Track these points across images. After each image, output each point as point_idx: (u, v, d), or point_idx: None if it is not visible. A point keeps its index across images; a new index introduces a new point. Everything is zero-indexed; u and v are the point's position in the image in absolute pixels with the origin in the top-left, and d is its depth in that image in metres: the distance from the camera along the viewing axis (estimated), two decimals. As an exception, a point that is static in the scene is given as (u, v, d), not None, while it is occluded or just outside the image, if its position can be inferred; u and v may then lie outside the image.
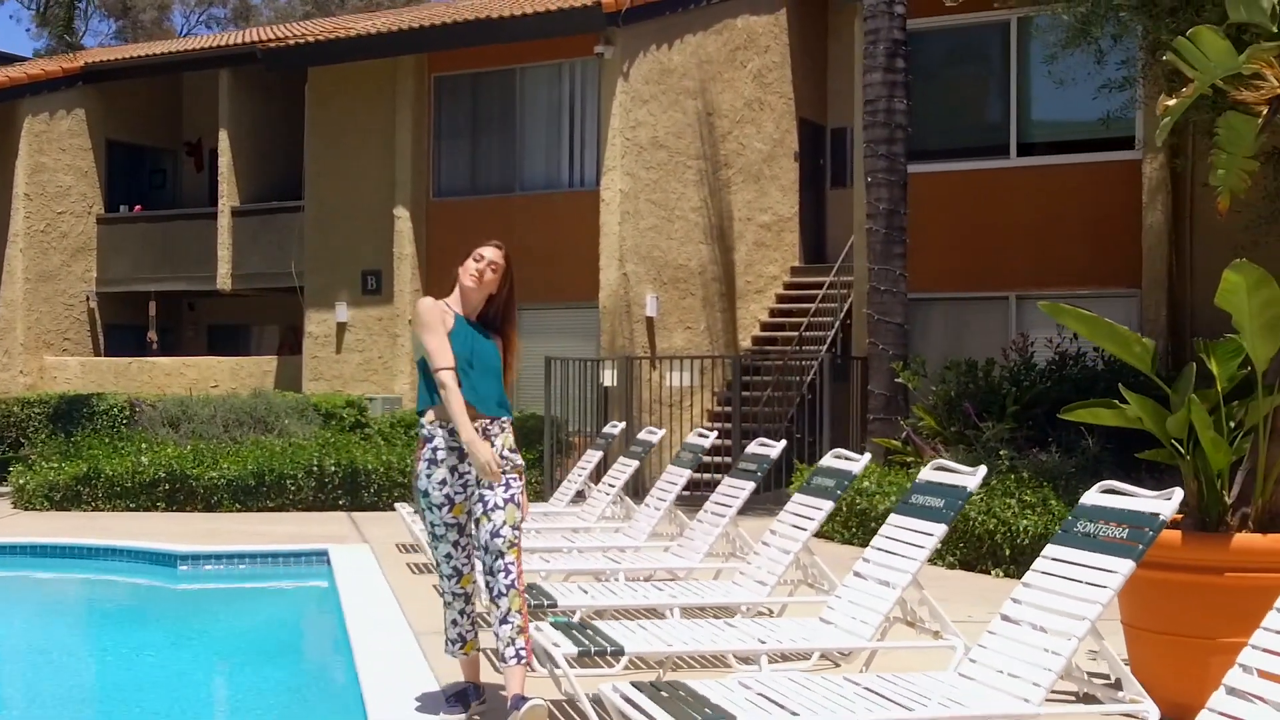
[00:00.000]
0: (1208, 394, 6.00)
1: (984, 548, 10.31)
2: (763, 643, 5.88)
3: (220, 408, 16.52)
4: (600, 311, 16.74)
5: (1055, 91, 14.94)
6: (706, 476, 14.03)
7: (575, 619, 6.73)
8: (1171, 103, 6.58)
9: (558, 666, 5.50)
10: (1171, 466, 6.47)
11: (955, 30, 15.56)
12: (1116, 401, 6.23)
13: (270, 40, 20.58)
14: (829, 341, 18.00)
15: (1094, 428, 12.09)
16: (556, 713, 5.80)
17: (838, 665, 6.57)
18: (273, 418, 16.36)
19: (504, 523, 5.50)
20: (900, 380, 13.24)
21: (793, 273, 20.01)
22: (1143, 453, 6.35)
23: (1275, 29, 6.25)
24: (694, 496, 11.91)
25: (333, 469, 14.68)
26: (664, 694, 4.75)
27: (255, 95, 21.21)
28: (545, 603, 6.93)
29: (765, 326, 19.27)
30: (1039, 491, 10.44)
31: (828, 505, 7.21)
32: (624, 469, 10.64)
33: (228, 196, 20.85)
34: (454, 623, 5.75)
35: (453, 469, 5.62)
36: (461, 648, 5.80)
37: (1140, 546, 4.90)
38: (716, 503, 8.57)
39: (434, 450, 5.64)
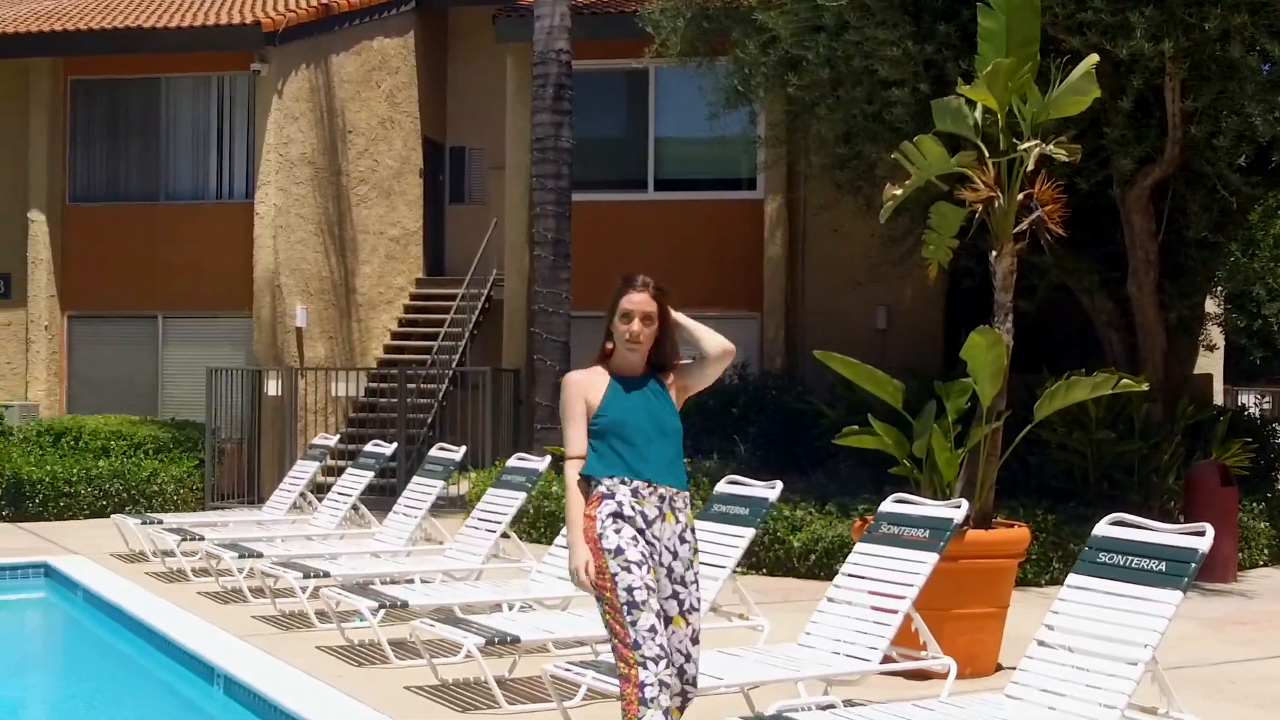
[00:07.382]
0: (942, 422, 7.79)
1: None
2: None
3: None
4: (255, 322, 17.21)
5: (689, 134, 16.96)
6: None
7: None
8: (898, 191, 8.34)
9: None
10: (899, 478, 8.27)
11: (606, 74, 17.19)
12: (876, 429, 7.91)
13: None
14: (460, 353, 19.21)
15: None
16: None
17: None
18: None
19: (699, 629, 5.02)
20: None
21: (417, 284, 21.09)
22: (893, 469, 8.07)
23: (978, 141, 8.10)
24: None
25: (-6, 480, 14.53)
26: None
27: None
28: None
29: (395, 336, 20.26)
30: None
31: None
32: (358, 479, 11.49)
33: None
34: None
35: (640, 530, 4.95)
36: None
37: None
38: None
39: (619, 504, 4.94)
